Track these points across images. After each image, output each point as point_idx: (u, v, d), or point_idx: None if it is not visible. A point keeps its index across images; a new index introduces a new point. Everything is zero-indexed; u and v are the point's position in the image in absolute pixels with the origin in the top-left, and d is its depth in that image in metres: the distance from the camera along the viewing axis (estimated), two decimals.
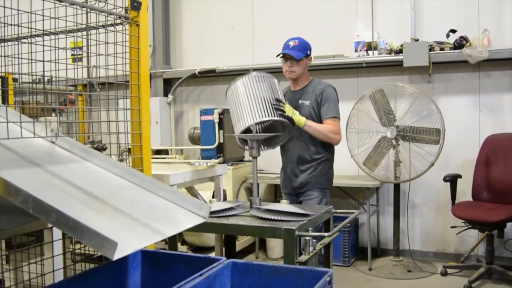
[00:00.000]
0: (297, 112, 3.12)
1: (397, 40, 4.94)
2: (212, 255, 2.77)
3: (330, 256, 2.70)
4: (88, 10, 2.13)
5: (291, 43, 3.28)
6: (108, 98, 2.38)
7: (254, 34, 5.76)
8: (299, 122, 3.10)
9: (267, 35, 5.64)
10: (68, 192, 1.42)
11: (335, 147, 3.41)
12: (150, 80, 5.90)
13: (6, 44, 2.21)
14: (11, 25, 1.86)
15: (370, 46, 5.04)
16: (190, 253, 3.83)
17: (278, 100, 2.92)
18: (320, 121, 3.27)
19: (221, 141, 3.74)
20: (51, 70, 2.08)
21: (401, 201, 4.87)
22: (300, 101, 3.33)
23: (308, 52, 3.33)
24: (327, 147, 3.35)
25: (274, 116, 2.85)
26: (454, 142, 4.84)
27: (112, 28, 2.30)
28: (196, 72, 5.80)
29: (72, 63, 2.33)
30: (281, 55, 3.29)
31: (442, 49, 4.74)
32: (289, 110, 3.01)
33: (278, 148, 3.37)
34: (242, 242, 4.95)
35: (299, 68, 3.30)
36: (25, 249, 2.28)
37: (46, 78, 2.48)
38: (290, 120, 3.00)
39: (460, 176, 4.59)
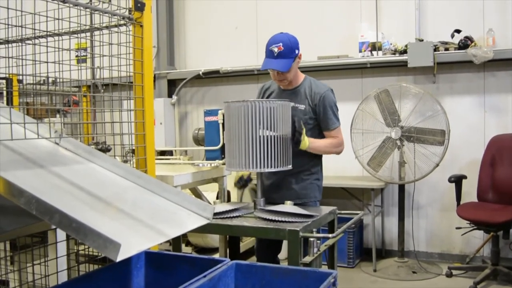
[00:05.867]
0: (305, 137, 2.75)
1: (401, 40, 4.93)
2: (216, 256, 2.78)
3: (335, 257, 2.69)
4: (92, 11, 2.14)
5: (275, 49, 2.81)
6: (112, 99, 2.38)
7: (258, 35, 5.75)
8: (303, 145, 2.74)
9: (272, 35, 5.61)
10: (72, 193, 1.42)
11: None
12: (154, 81, 5.92)
13: (10, 45, 2.22)
14: (15, 26, 1.86)
15: (374, 47, 5.02)
16: (194, 254, 3.82)
17: (299, 133, 2.66)
18: (318, 127, 2.95)
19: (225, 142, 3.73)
20: (55, 71, 2.08)
21: (406, 202, 4.85)
22: (293, 105, 2.86)
23: (296, 52, 2.86)
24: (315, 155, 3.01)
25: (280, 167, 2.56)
26: (459, 142, 4.82)
27: (115, 29, 2.31)
28: (200, 73, 5.81)
29: (76, 64, 2.33)
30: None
31: (446, 49, 4.72)
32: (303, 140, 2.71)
33: None
34: (246, 243, 4.94)
35: (290, 74, 2.87)
36: (29, 250, 2.29)
37: (50, 80, 2.49)
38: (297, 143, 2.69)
39: (465, 177, 4.57)
